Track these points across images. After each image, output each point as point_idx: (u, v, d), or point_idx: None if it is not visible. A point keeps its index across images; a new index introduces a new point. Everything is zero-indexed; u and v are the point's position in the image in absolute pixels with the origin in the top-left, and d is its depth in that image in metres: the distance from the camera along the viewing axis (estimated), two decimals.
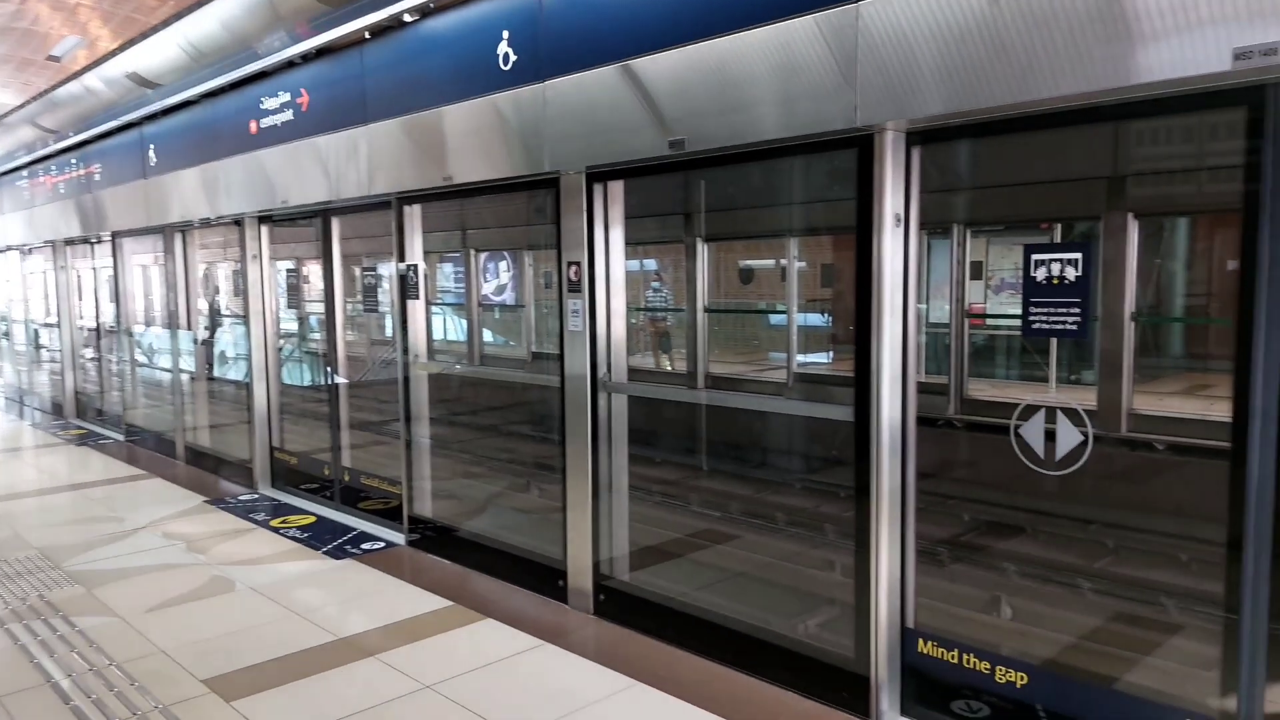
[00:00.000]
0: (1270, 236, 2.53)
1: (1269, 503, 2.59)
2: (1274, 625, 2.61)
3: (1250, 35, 2.42)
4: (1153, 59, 2.59)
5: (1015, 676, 3.09)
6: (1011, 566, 5.09)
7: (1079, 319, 2.93)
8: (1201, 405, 6.24)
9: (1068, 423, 3.03)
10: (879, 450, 3.28)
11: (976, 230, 6.73)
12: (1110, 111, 2.81)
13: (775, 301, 8.51)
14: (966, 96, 2.95)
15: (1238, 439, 2.63)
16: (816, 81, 3.31)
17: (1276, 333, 2.55)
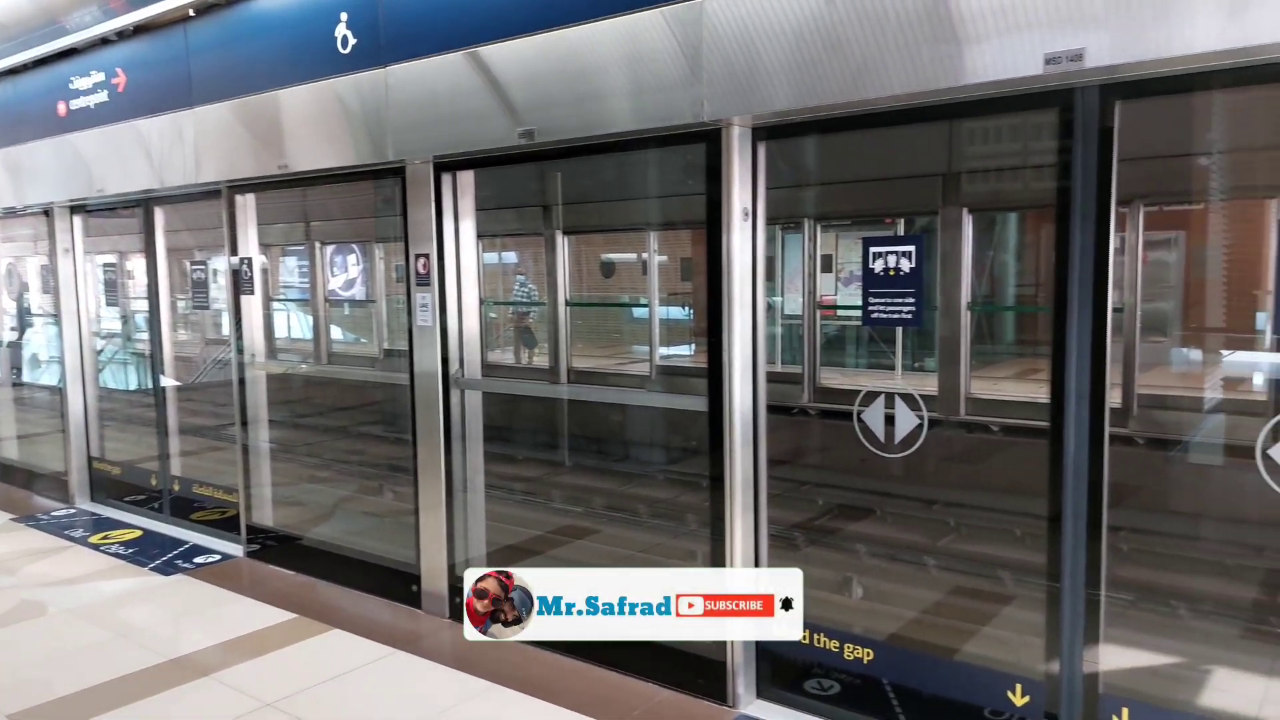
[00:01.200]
0: (1081, 230, 2.77)
1: (1084, 478, 2.83)
2: (1091, 592, 2.86)
3: (1059, 41, 2.63)
4: (975, 61, 2.77)
5: (862, 653, 3.26)
6: (862, 547, 5.36)
7: (914, 308, 3.11)
8: (1031, 388, 6.75)
9: (905, 407, 3.21)
10: (732, 440, 3.37)
11: (826, 225, 7.02)
12: (940, 111, 2.99)
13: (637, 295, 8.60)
14: (807, 93, 3.06)
15: (1055, 419, 2.87)
16: (664, 75, 3.36)
17: (1088, 320, 2.78)
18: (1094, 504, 2.83)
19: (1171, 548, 4.99)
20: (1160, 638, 3.97)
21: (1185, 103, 3.81)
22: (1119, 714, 2.80)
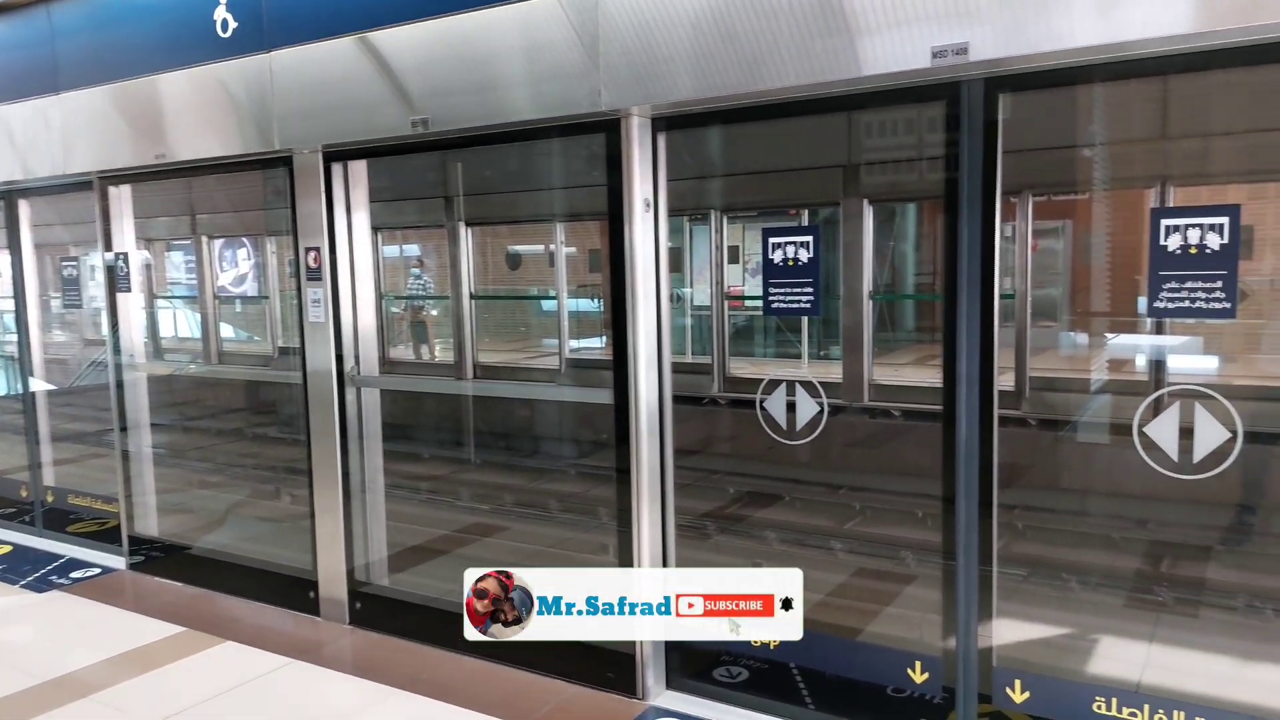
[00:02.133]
0: (969, 220, 2.88)
1: (975, 459, 2.95)
2: (984, 568, 2.98)
3: (945, 35, 2.73)
4: (866, 54, 2.85)
5: (769, 639, 3.32)
6: (772, 534, 5.47)
7: (813, 298, 3.19)
8: (930, 374, 7.00)
9: (806, 395, 3.29)
10: (638, 432, 3.39)
11: (733, 216, 7.12)
12: (835, 103, 3.06)
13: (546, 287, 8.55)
14: (705, 84, 3.09)
15: (948, 403, 2.98)
16: (562, 64, 3.34)
17: (976, 307, 2.90)
18: (985, 484, 2.95)
19: (1062, 523, 5.26)
20: (1051, 610, 4.18)
21: (1068, 96, 4.00)
22: (1012, 686, 2.93)
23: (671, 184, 3.51)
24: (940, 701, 3.05)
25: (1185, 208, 4.58)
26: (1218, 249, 2.62)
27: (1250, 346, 6.54)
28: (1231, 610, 4.23)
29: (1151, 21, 2.46)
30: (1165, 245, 2.68)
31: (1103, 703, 2.81)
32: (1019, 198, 5.96)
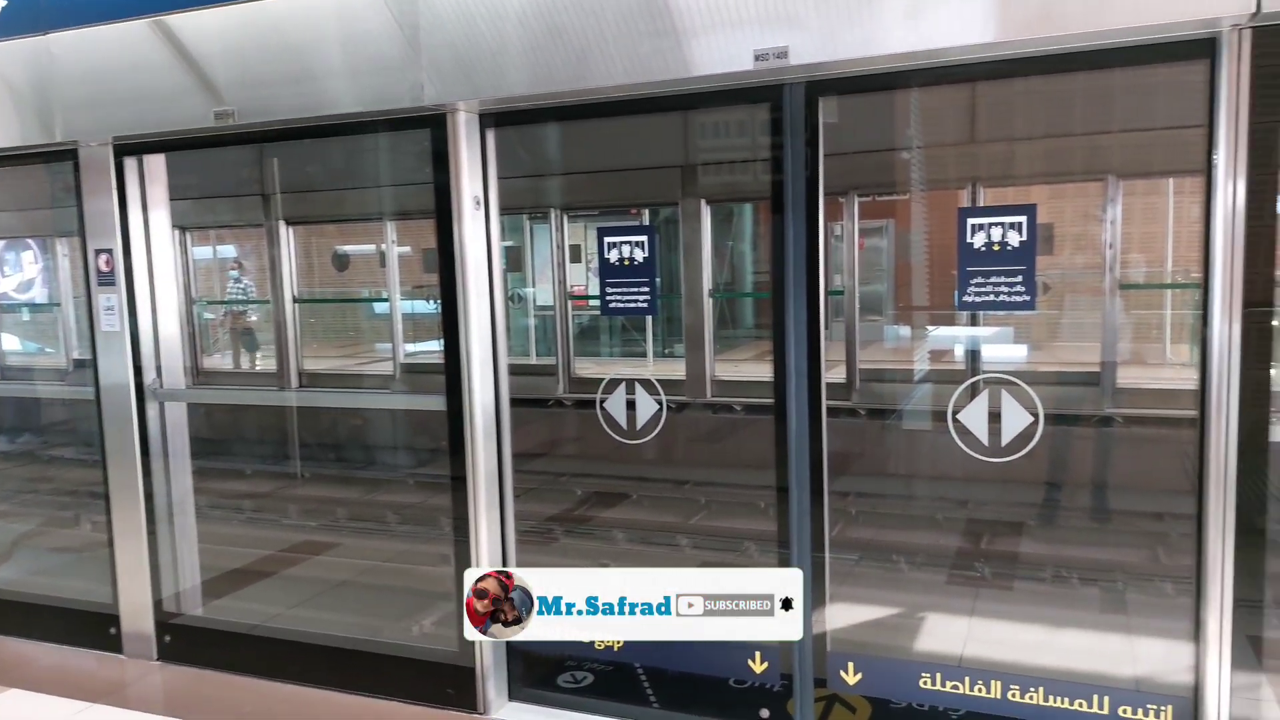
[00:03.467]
0: (794, 220, 2.99)
1: (806, 450, 3.07)
2: (816, 555, 3.11)
3: (767, 39, 2.81)
4: (692, 55, 2.90)
5: (613, 641, 3.34)
6: (619, 533, 5.51)
7: (649, 297, 3.23)
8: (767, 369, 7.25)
9: (645, 394, 3.33)
10: (474, 437, 3.32)
11: (574, 215, 7.12)
12: (666, 102, 3.10)
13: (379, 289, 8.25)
14: (534, 80, 3.06)
15: (779, 397, 3.09)
16: (383, 55, 3.22)
17: (803, 304, 3.01)
18: (816, 474, 3.08)
19: (891, 507, 5.58)
20: (882, 591, 4.43)
21: (887, 101, 4.24)
22: (845, 669, 3.08)
23: (510, 182, 3.46)
24: (780, 689, 3.16)
25: (988, 207, 4.96)
26: (1018, 246, 2.84)
27: (1053, 335, 7.17)
28: (1041, 581, 4.61)
29: (954, 31, 2.63)
30: (972, 243, 2.88)
31: (928, 678, 2.99)
32: (845, 198, 6.28)
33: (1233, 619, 2.57)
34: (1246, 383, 2.50)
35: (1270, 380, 2.52)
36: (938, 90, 4.16)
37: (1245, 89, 2.43)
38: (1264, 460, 2.52)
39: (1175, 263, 7.11)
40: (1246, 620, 2.57)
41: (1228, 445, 2.52)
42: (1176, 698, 2.72)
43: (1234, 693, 2.59)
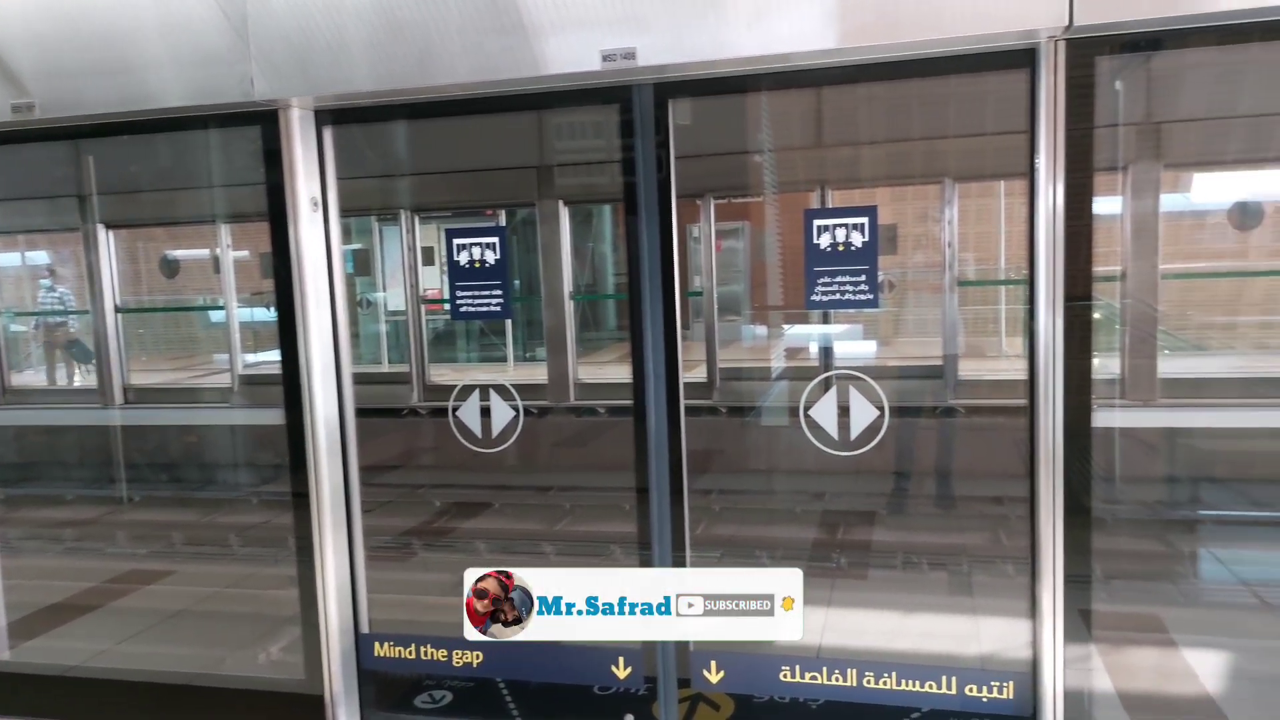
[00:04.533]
0: (647, 222, 2.99)
1: (665, 450, 3.08)
2: (677, 555, 3.12)
3: (614, 39, 2.80)
4: (539, 54, 2.86)
5: (471, 657, 3.25)
6: (481, 544, 5.40)
7: (502, 300, 3.16)
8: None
9: (500, 400, 3.25)
10: (316, 451, 3.16)
11: (426, 216, 6.93)
12: (514, 101, 3.04)
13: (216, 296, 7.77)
14: (373, 76, 2.94)
15: (638, 398, 3.09)
16: (208, 46, 3.01)
17: (659, 305, 3.02)
18: (675, 474, 3.09)
19: (752, 502, 5.71)
20: None
21: (738, 104, 4.32)
22: (708, 668, 3.10)
23: (357, 182, 3.32)
24: (644, 693, 3.15)
25: (832, 209, 5.16)
26: (860, 246, 2.94)
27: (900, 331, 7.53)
28: (893, 568, 4.82)
29: (796, 36, 2.70)
30: (818, 244, 2.96)
31: (788, 671, 3.06)
32: (702, 200, 6.38)
33: (1064, 595, 2.74)
34: (1070, 372, 2.68)
35: (1091, 369, 2.71)
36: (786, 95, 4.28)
37: (1061, 97, 2.60)
38: (1088, 444, 2.70)
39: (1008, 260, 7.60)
40: (1077, 595, 2.75)
41: (1055, 431, 2.69)
42: (1017, 673, 2.88)
43: (1068, 665, 2.77)
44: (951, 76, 2.92)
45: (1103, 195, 2.79)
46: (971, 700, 2.91)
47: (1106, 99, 2.74)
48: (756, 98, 4.16)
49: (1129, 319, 5.53)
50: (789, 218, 6.90)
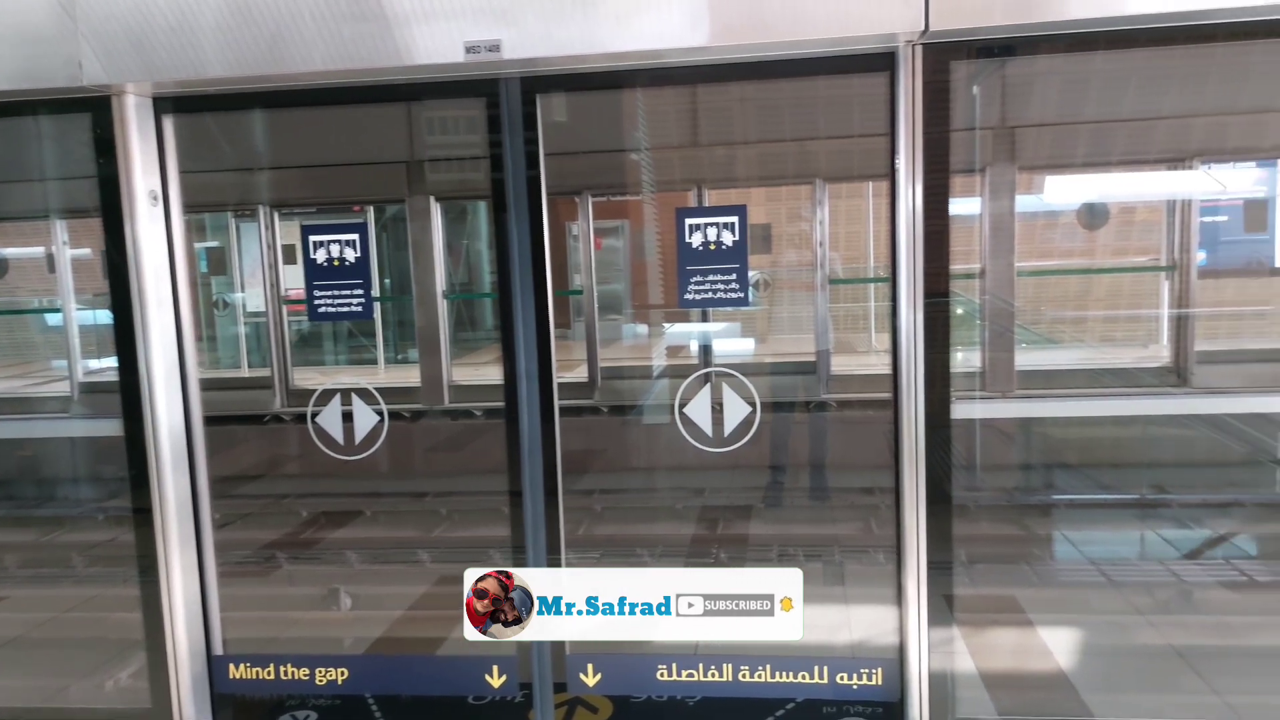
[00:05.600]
0: (517, 220, 2.94)
1: (539, 452, 3.04)
2: (553, 557, 3.09)
3: (478, 31, 2.74)
4: (400, 44, 2.76)
5: (336, 674, 3.12)
6: (353, 554, 5.21)
7: (363, 300, 3.04)
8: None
9: (363, 404, 3.13)
10: (159, 462, 2.97)
11: (287, 212, 6.63)
12: (375, 92, 2.94)
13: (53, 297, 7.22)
14: (217, 61, 2.77)
15: (510, 400, 3.03)
16: (31, 24, 2.77)
17: (530, 304, 2.98)
18: (550, 476, 3.05)
19: (634, 501, 5.73)
20: None
21: (615, 101, 4.31)
22: (585, 671, 3.08)
23: (210, 176, 3.12)
24: (520, 700, 3.11)
25: (703, 208, 5.23)
26: (731, 245, 2.97)
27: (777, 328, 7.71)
28: (768, 561, 4.92)
29: (664, 33, 2.70)
30: (690, 242, 2.98)
31: (665, 670, 3.07)
32: (580, 198, 6.35)
33: (928, 581, 2.85)
34: (930, 366, 2.79)
35: (950, 363, 2.82)
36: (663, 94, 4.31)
37: (919, 100, 2.69)
38: (948, 435, 2.82)
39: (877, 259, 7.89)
40: (940, 581, 2.86)
41: (917, 423, 2.79)
42: (885, 660, 2.98)
43: (932, 649, 2.88)
44: (821, 79, 2.99)
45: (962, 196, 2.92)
46: (843, 688, 2.99)
47: (964, 103, 2.86)
48: (632, 96, 4.16)
49: (988, 315, 5.83)
50: (667, 217, 6.95)
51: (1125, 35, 2.65)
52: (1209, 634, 3.91)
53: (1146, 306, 6.59)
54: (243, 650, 3.17)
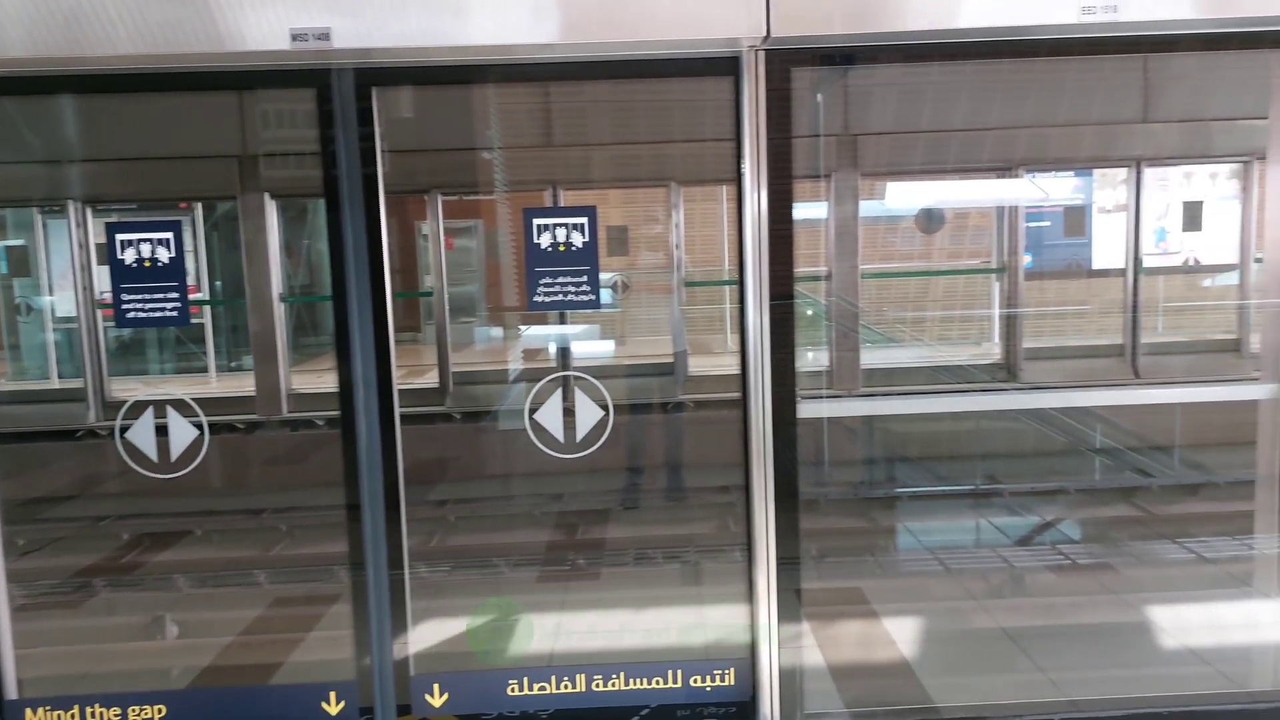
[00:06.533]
0: (352, 219, 2.82)
1: (379, 464, 2.92)
2: (395, 574, 2.97)
3: (305, 18, 2.61)
4: (217, 28, 2.60)
5: (153, 711, 2.90)
6: (182, 578, 4.87)
7: (179, 304, 2.84)
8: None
9: (179, 417, 2.92)
10: None
11: (105, 209, 6.14)
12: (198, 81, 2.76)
13: None
14: (15, 42, 2.54)
15: (346, 409, 2.90)
16: None
17: (368, 308, 2.86)
18: (391, 488, 2.94)
19: (490, 509, 5.62)
20: (475, 600, 4.41)
21: (466, 99, 4.21)
22: (431, 691, 2.98)
23: (13, 168, 2.83)
24: None
25: (551, 208, 5.20)
26: (581, 246, 2.95)
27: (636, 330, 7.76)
28: (626, 565, 4.93)
29: (505, 28, 2.66)
30: (539, 244, 2.94)
31: (516, 685, 3.01)
32: (430, 196, 6.19)
33: (778, 577, 2.92)
34: (776, 366, 2.86)
35: (795, 363, 2.90)
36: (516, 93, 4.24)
37: (763, 106, 2.75)
38: (794, 433, 2.89)
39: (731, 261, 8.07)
40: (790, 576, 2.93)
41: (765, 421, 2.86)
42: (738, 659, 3.03)
43: (783, 644, 2.95)
44: (676, 82, 3.02)
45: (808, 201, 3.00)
46: (696, 691, 3.02)
47: (808, 110, 2.95)
48: (484, 93, 4.08)
49: (835, 316, 6.06)
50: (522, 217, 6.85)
51: (957, 48, 2.80)
52: (1036, 615, 4.19)
53: (979, 306, 7.03)
54: (43, 692, 2.89)
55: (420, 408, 6.12)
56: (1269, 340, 3.06)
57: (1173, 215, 6.68)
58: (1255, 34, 2.77)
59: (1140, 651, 3.69)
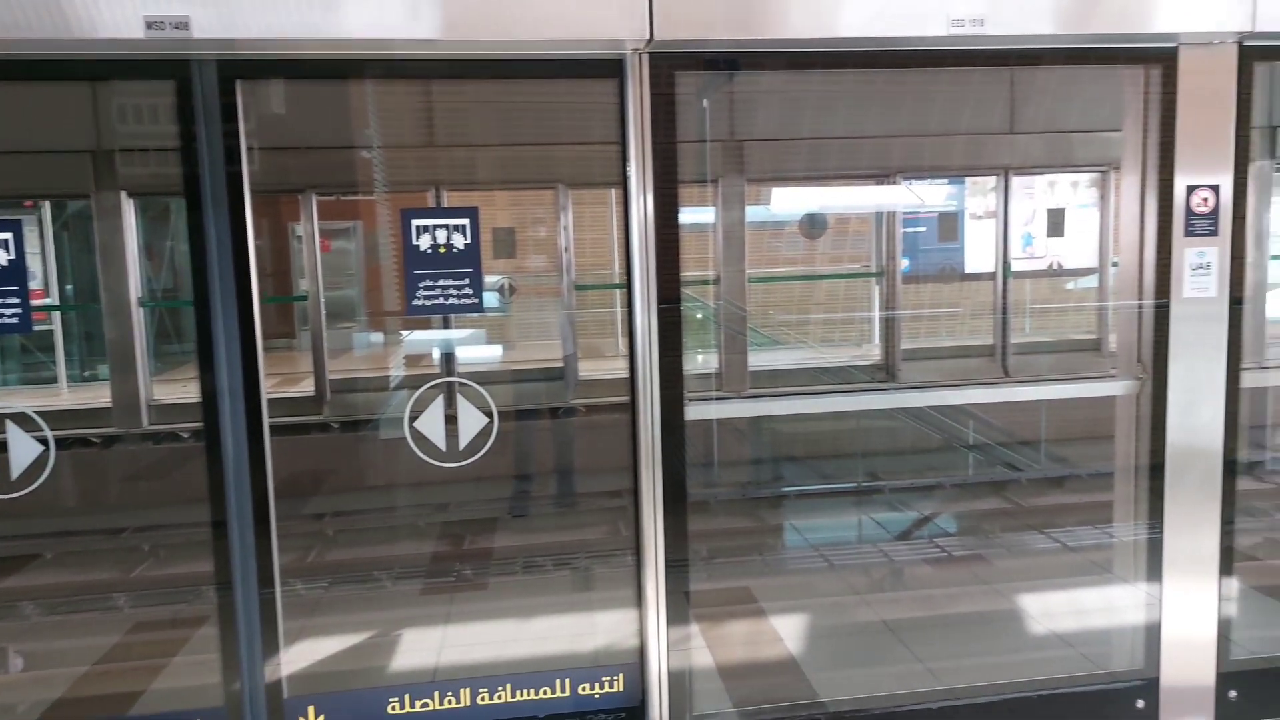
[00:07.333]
0: (215, 220, 2.69)
1: (246, 478, 2.79)
2: (266, 593, 2.85)
3: (160, 6, 2.47)
4: (65, 14, 2.44)
5: None
6: (30, 605, 4.55)
7: (19, 310, 2.64)
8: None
9: (20, 431, 2.73)
10: None
11: None
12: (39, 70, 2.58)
13: None
14: None
15: (209, 420, 2.77)
16: None
17: (233, 313, 2.73)
18: (260, 502, 2.82)
19: (371, 521, 5.47)
20: (356, 615, 4.28)
21: (344, 95, 4.07)
22: (306, 714, 2.87)
23: None
24: None
25: (431, 209, 5.11)
26: (463, 248, 2.89)
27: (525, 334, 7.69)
28: (513, 573, 4.88)
29: (379, 23, 2.59)
30: (418, 245, 2.87)
31: (397, 703, 2.93)
32: (303, 196, 5.97)
33: (667, 579, 2.93)
34: (664, 369, 2.88)
35: (683, 366, 2.93)
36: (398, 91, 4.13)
37: (647, 109, 2.77)
38: (682, 435, 2.92)
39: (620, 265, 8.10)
40: (679, 578, 2.96)
41: (653, 424, 2.87)
42: (627, 664, 3.03)
43: (672, 647, 2.96)
44: (563, 83, 3.00)
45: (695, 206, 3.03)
46: (585, 699, 3.00)
47: (694, 115, 2.98)
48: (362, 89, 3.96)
49: (723, 319, 6.16)
50: None
51: (837, 57, 2.88)
52: (915, 607, 4.35)
53: (860, 309, 7.28)
54: None
55: (295, 417, 5.91)
56: (1124, 339, 3.27)
57: (1038, 222, 7.09)
58: (1110, 50, 2.96)
59: (1010, 638, 3.89)
